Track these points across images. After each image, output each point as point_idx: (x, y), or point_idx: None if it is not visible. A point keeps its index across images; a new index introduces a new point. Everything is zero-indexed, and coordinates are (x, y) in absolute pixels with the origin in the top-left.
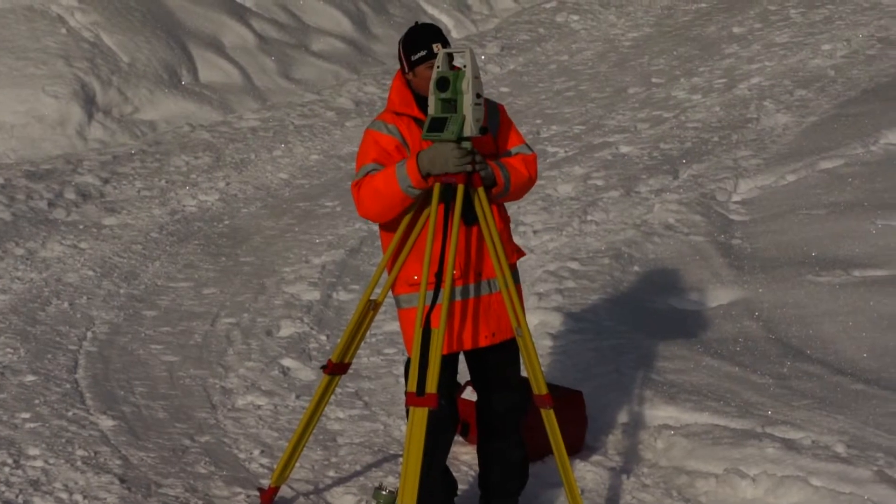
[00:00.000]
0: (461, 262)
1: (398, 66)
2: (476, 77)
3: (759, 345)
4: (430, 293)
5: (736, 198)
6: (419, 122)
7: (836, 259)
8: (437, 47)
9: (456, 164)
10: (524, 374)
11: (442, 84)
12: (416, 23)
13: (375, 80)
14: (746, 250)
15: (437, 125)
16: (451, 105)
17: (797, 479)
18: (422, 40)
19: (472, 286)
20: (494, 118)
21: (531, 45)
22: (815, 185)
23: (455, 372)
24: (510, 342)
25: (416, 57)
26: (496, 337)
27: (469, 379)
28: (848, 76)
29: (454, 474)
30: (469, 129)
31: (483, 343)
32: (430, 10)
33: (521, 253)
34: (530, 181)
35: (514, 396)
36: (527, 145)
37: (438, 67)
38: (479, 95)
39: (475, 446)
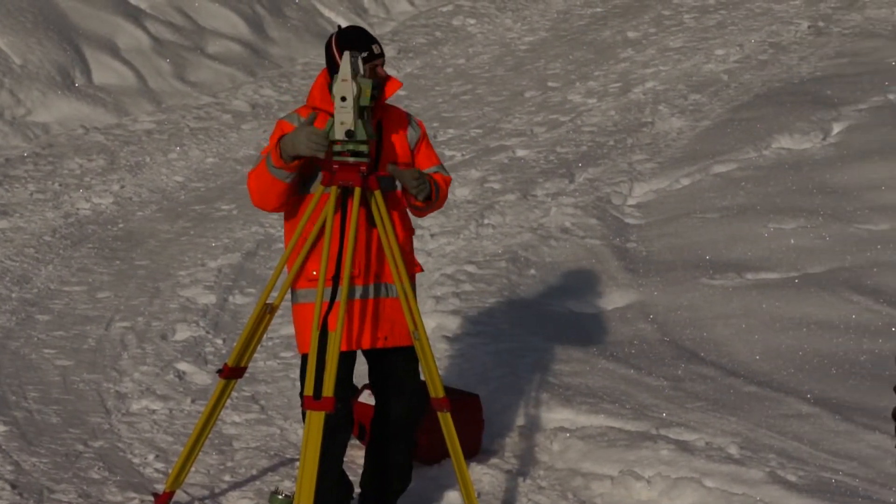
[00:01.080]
0: (361, 263)
1: (295, 69)
2: (344, 80)
3: (653, 347)
4: (328, 290)
5: (631, 201)
6: None
7: (729, 262)
8: (376, 48)
9: (307, 146)
10: (422, 378)
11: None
12: (339, 26)
13: (272, 83)
14: (641, 253)
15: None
16: (361, 109)
17: (691, 480)
18: (361, 41)
19: (370, 287)
20: (415, 133)
21: (428, 49)
22: (709, 188)
23: (351, 372)
24: (408, 348)
25: (362, 57)
26: (388, 341)
27: (367, 382)
28: (741, 81)
29: (351, 477)
30: (371, 131)
31: (378, 345)
32: (327, 12)
33: (419, 268)
34: (446, 197)
35: (411, 401)
36: (444, 167)
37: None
38: (343, 98)
39: None
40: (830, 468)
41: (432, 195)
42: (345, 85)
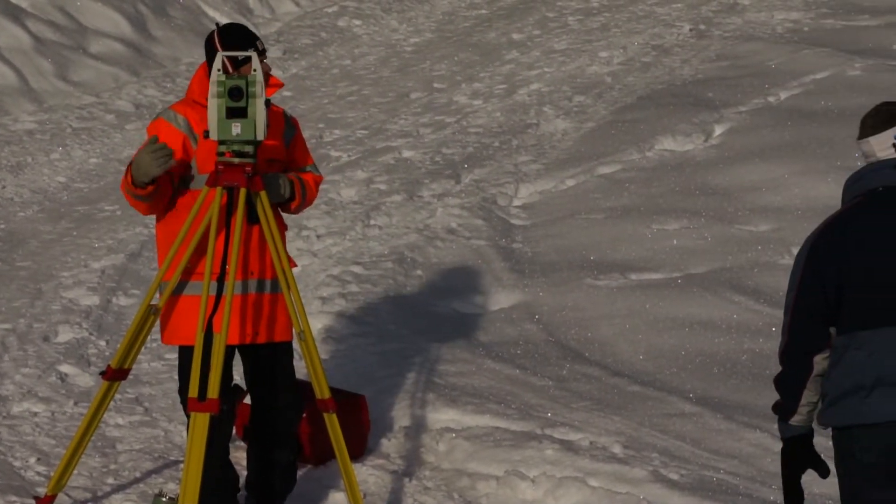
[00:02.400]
0: (242, 260)
1: (179, 69)
2: (261, 81)
3: (539, 348)
4: (201, 285)
5: (517, 202)
6: None
7: (613, 263)
8: (259, 43)
9: (157, 166)
10: (306, 378)
11: (236, 93)
12: (217, 24)
13: (156, 83)
14: (527, 254)
15: (227, 129)
16: (241, 111)
17: (575, 479)
18: (244, 40)
19: (245, 283)
20: (290, 131)
21: (313, 50)
22: (594, 189)
23: (230, 367)
24: (285, 345)
25: (243, 56)
26: (259, 337)
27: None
28: (624, 83)
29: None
30: (261, 133)
31: (247, 341)
32: (212, 12)
33: (293, 263)
34: (315, 198)
35: (285, 398)
36: (316, 166)
37: (219, 71)
38: (217, 97)
39: None
40: (712, 466)
41: (297, 196)
42: (217, 84)
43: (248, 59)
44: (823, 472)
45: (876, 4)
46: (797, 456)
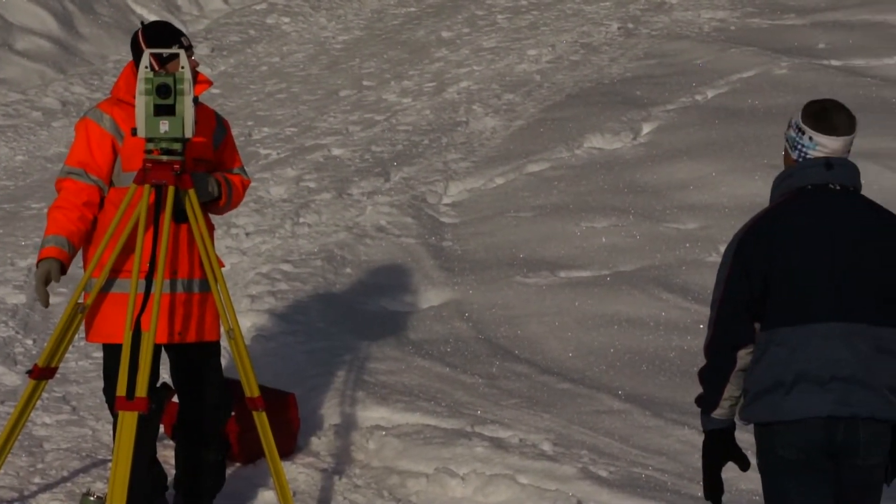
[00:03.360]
0: (170, 259)
1: (107, 66)
2: (189, 78)
3: (469, 345)
4: (128, 283)
5: (446, 200)
6: None
7: (543, 261)
8: (184, 40)
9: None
10: (235, 376)
11: (164, 90)
12: (143, 22)
13: (83, 80)
14: (456, 252)
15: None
16: (169, 108)
17: (505, 477)
18: (170, 37)
19: (173, 282)
20: (221, 132)
21: (242, 47)
22: (523, 187)
23: (157, 366)
24: (213, 344)
25: (169, 53)
26: (187, 336)
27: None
28: (553, 81)
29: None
30: (189, 130)
31: (175, 340)
32: (139, 9)
33: (221, 263)
34: (242, 200)
35: (212, 397)
36: (244, 169)
37: (146, 68)
38: (144, 94)
39: None
40: (641, 463)
41: (223, 196)
42: (145, 82)
43: (175, 56)
44: (744, 466)
45: (801, 4)
46: (717, 449)
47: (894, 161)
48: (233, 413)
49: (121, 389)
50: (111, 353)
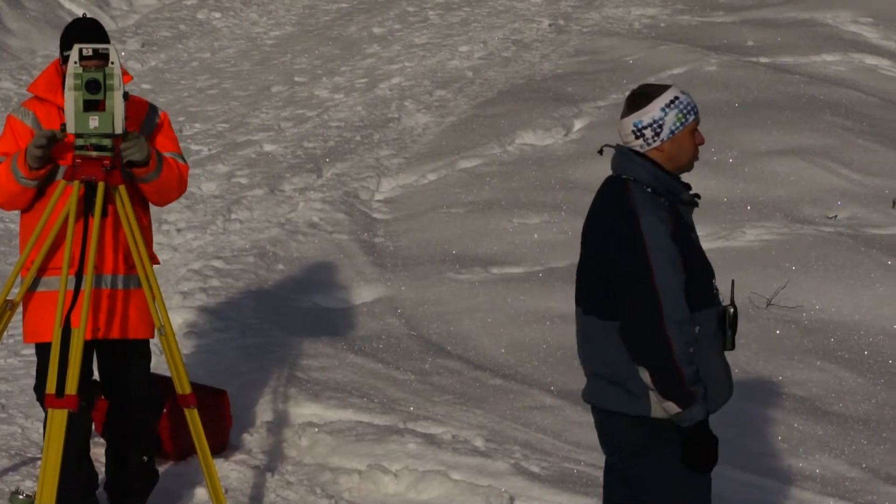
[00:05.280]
0: (101, 256)
1: (35, 61)
2: (75, 73)
3: (401, 342)
4: (58, 280)
5: (378, 196)
6: (62, 110)
7: (475, 257)
8: (104, 41)
9: (33, 157)
10: (167, 373)
11: (93, 86)
12: (84, 14)
13: (11, 76)
14: (389, 248)
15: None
16: (99, 104)
17: (438, 473)
18: (98, 35)
19: (99, 277)
20: (152, 122)
21: (173, 43)
22: (455, 184)
23: (89, 364)
24: (140, 342)
25: (95, 49)
26: (112, 332)
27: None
28: (485, 77)
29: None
30: (119, 126)
31: (99, 336)
32: (68, 4)
33: (156, 261)
34: (181, 182)
35: (139, 395)
36: (182, 156)
37: (76, 63)
38: (72, 90)
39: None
40: (572, 459)
41: (152, 163)
42: (74, 77)
43: (99, 52)
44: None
45: (730, 1)
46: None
47: (821, 157)
48: (165, 411)
49: (50, 387)
50: (42, 350)
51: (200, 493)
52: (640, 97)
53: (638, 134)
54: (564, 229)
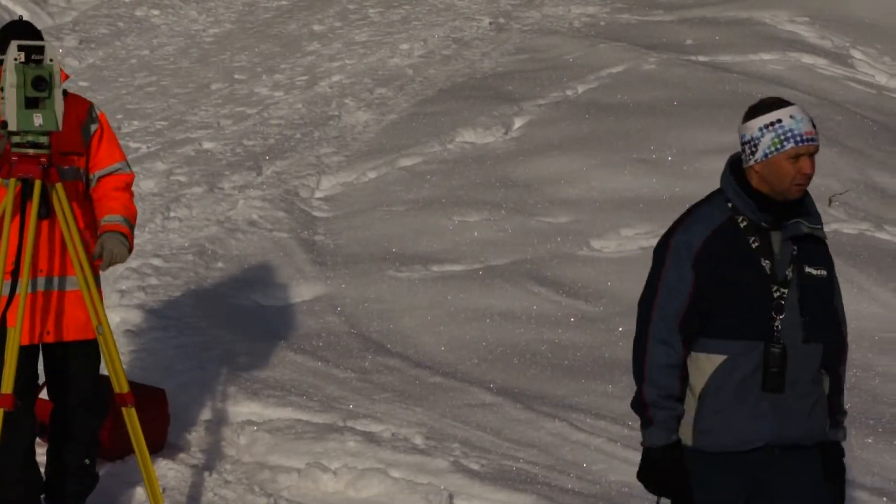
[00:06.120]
0: (39, 256)
1: None
2: (58, 71)
3: (341, 340)
4: (7, 285)
5: (319, 194)
6: None
7: (415, 255)
8: (46, 45)
9: None
10: (104, 372)
11: (40, 83)
12: (20, 16)
13: None
14: (329, 246)
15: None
16: (42, 101)
17: (377, 471)
18: (33, 34)
19: (49, 280)
20: (91, 125)
21: (111, 40)
22: (395, 182)
23: (34, 366)
24: (80, 344)
25: (33, 45)
26: (48, 336)
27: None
28: (425, 75)
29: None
30: (61, 123)
31: (47, 339)
32: (4, 1)
33: (100, 261)
34: (131, 199)
35: (82, 398)
36: (127, 163)
37: (16, 60)
38: (3, 88)
39: None
40: (512, 456)
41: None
42: (7, 75)
43: (35, 49)
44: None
45: (670, 0)
46: None
47: None
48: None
49: None
50: None
51: (138, 492)
52: (752, 110)
53: (742, 147)
54: (504, 227)
